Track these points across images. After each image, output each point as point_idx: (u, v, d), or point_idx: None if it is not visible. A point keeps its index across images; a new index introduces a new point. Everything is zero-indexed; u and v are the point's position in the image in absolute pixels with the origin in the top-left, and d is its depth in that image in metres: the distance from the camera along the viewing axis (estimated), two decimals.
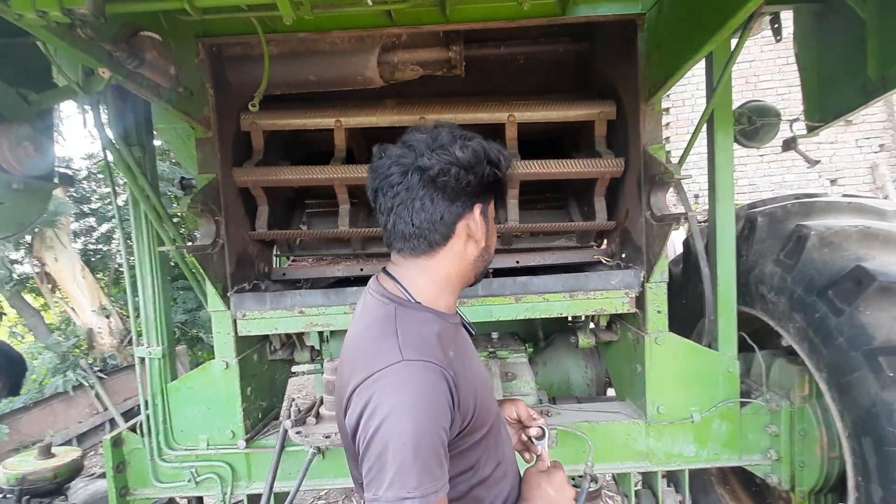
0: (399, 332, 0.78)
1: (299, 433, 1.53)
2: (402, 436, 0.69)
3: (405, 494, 0.68)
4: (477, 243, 0.87)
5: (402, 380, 0.73)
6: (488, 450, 0.87)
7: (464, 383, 0.79)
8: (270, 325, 1.66)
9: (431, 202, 0.81)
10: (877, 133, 6.69)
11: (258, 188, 1.78)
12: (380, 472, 0.70)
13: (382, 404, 0.72)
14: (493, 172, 0.84)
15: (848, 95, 1.48)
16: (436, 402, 0.73)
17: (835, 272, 1.36)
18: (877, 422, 1.21)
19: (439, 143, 0.80)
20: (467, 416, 0.79)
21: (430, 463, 0.70)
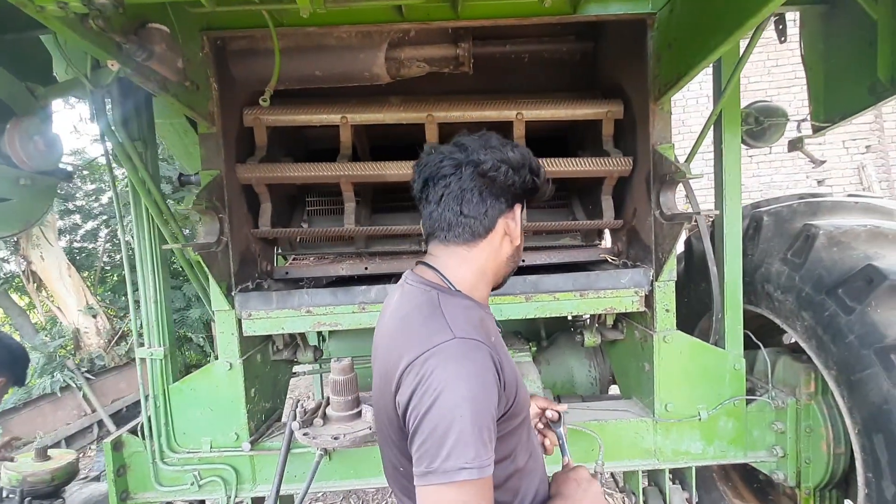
0: (446, 313, 0.81)
1: (307, 435, 1.50)
2: (460, 408, 0.70)
3: (463, 465, 0.68)
4: (512, 242, 0.92)
5: (456, 355, 0.75)
6: (522, 440, 0.89)
7: (506, 367, 0.81)
8: (277, 325, 1.62)
9: (480, 195, 0.86)
10: (864, 134, 6.84)
11: (262, 185, 1.74)
12: (436, 444, 0.70)
13: (438, 378, 0.73)
14: (532, 179, 0.90)
15: (855, 96, 1.49)
16: (487, 378, 0.75)
17: (844, 271, 1.38)
18: (889, 418, 1.22)
19: (491, 144, 0.88)
20: (511, 399, 0.81)
21: (484, 436, 0.71)
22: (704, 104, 7.08)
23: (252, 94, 1.71)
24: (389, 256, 2.07)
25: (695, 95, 7.14)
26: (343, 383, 1.54)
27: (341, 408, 1.56)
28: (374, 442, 1.61)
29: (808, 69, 1.70)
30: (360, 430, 1.49)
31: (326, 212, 2.32)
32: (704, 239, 1.63)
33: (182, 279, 5.71)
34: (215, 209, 1.54)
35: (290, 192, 2.09)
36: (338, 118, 1.75)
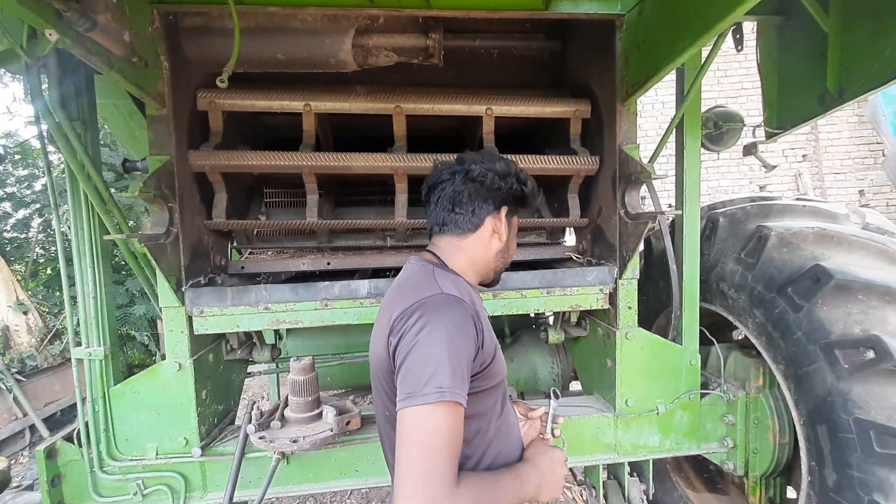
0: (437, 279, 0.96)
1: (263, 438, 1.42)
2: (440, 346, 0.83)
3: (437, 388, 0.80)
4: (500, 239, 1.07)
5: (440, 304, 0.89)
6: (496, 408, 1.02)
7: (486, 332, 0.95)
8: (231, 323, 1.53)
9: (469, 196, 1.04)
10: (801, 144, 7.34)
11: (216, 174, 1.63)
12: (418, 373, 0.82)
13: (423, 321, 0.86)
14: (519, 188, 1.07)
15: (806, 105, 1.57)
16: (466, 328, 0.87)
17: (794, 270, 1.45)
18: (832, 410, 1.30)
19: (483, 157, 1.07)
20: (488, 358, 0.94)
21: (457, 372, 0.83)
22: (660, 110, 7.38)
23: (207, 76, 1.60)
24: (353, 252, 2.01)
25: (650, 101, 7.42)
26: (303, 383, 1.48)
27: (301, 409, 1.49)
28: (335, 444, 1.56)
29: (763, 77, 1.78)
30: (321, 433, 1.43)
31: (286, 204, 2.22)
32: (665, 238, 1.68)
33: (125, 273, 5.35)
34: (164, 198, 1.43)
35: (248, 183, 1.98)
36: (301, 105, 1.67)
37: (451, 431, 0.81)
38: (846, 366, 1.27)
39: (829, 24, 1.40)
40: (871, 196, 7.48)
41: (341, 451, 1.57)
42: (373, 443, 1.58)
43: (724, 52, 2.10)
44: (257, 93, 1.66)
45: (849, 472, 1.25)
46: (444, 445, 0.79)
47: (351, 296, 1.56)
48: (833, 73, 1.40)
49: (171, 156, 1.48)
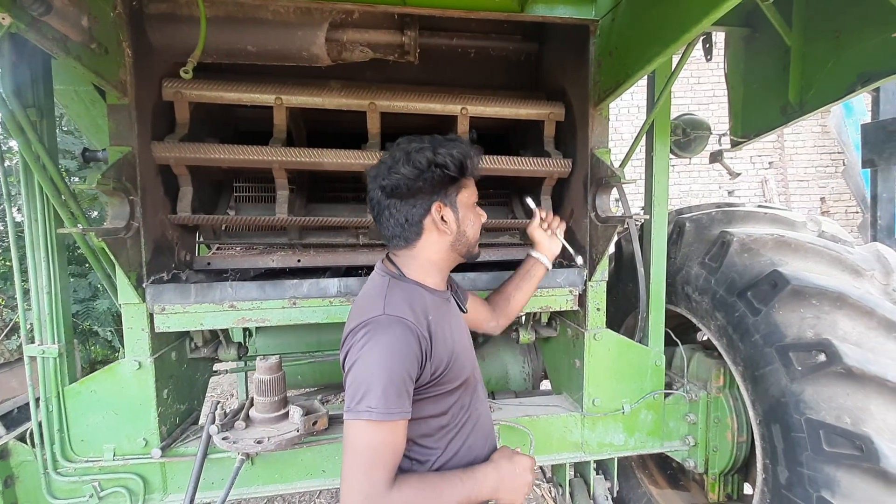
0: (387, 295, 1.01)
1: (226, 439, 1.39)
2: (372, 367, 0.92)
3: (367, 408, 0.90)
4: (447, 233, 1.08)
5: (379, 328, 0.95)
6: (460, 403, 1.09)
7: (439, 341, 1.01)
8: (195, 321, 1.49)
9: (396, 209, 1.06)
10: (767, 152, 7.61)
11: (182, 166, 1.58)
12: (354, 391, 0.93)
13: (364, 340, 0.94)
14: (441, 173, 1.03)
15: (769, 115, 1.63)
16: (403, 348, 0.94)
17: (753, 275, 1.50)
18: (785, 410, 1.35)
19: (393, 162, 1.04)
20: (440, 367, 1.01)
21: (389, 392, 0.91)
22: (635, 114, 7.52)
23: (174, 65, 1.54)
24: (325, 249, 1.98)
25: (626, 105, 7.56)
26: (269, 383, 1.45)
27: (266, 409, 1.46)
28: (301, 444, 1.54)
29: (730, 87, 1.83)
30: (287, 433, 1.41)
31: (256, 199, 2.17)
32: (634, 241, 1.71)
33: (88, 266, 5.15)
34: (125, 190, 1.38)
35: (216, 177, 1.93)
36: (272, 99, 1.63)
37: (382, 444, 0.91)
38: (799, 368, 1.32)
39: (791, 39, 1.45)
40: (831, 203, 7.82)
41: (308, 452, 1.55)
42: (341, 443, 1.55)
43: (698, 61, 2.15)
44: (227, 84, 1.62)
45: (799, 470, 1.31)
46: (377, 455, 0.91)
47: (320, 294, 1.54)
48: (794, 86, 1.45)
49: (133, 147, 1.42)
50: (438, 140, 1.07)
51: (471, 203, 1.13)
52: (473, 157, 1.10)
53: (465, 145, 1.08)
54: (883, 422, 1.19)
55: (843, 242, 1.53)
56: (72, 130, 5.35)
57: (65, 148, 4.88)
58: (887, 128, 1.95)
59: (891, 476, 1.14)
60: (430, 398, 1.03)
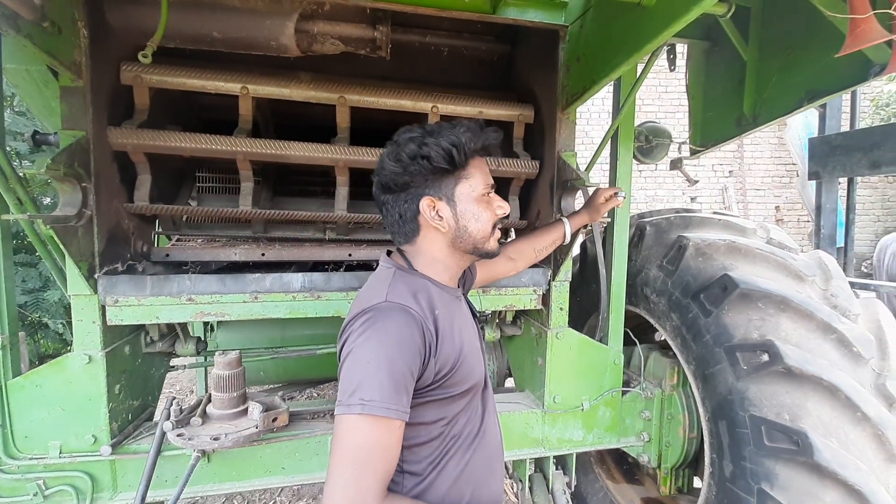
0: (391, 285, 0.95)
1: (181, 436, 1.35)
2: (369, 356, 0.83)
3: (360, 401, 0.81)
4: (442, 230, 0.99)
5: (380, 315, 0.87)
6: (467, 411, 1.01)
7: (447, 338, 0.93)
8: (150, 314, 1.44)
9: (391, 206, 1.01)
10: (728, 161, 7.94)
11: (140, 153, 1.53)
12: (348, 384, 0.83)
13: (362, 328, 0.86)
14: (428, 165, 0.95)
15: (725, 126, 1.70)
16: (405, 339, 0.85)
17: (706, 278, 1.57)
18: (731, 407, 1.42)
19: (384, 156, 1.00)
20: (446, 366, 0.92)
21: (387, 385, 0.82)
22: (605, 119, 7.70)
23: (134, 48, 1.48)
24: (291, 243, 1.95)
25: (598, 110, 7.73)
26: (228, 379, 1.42)
27: (224, 405, 1.44)
28: (259, 441, 1.51)
29: (691, 98, 1.90)
30: (245, 430, 1.38)
31: (220, 190, 2.11)
32: (597, 244, 1.76)
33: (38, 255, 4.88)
34: (77, 177, 1.32)
35: (177, 166, 1.87)
36: (237, 88, 1.59)
37: (375, 443, 0.81)
38: (745, 367, 1.40)
39: (748, 54, 1.52)
40: (785, 211, 8.23)
41: (267, 449, 1.53)
42: (301, 440, 1.54)
43: (666, 70, 2.26)
44: (190, 71, 1.57)
45: (742, 464, 1.38)
46: (368, 456, 0.80)
47: (283, 289, 1.52)
48: (749, 99, 1.53)
49: (87, 131, 1.36)
50: (431, 129, 0.98)
51: (475, 196, 1.00)
52: (470, 144, 0.97)
53: (460, 132, 0.96)
54: (818, 418, 1.27)
55: (789, 249, 1.62)
56: (24, 111, 5.05)
57: (16, 130, 4.61)
58: (831, 142, 2.08)
59: (823, 469, 1.21)
60: (434, 402, 0.93)
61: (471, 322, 1.11)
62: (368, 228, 2.04)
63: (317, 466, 1.56)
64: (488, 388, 1.11)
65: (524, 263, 1.52)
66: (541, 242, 1.52)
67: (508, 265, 1.48)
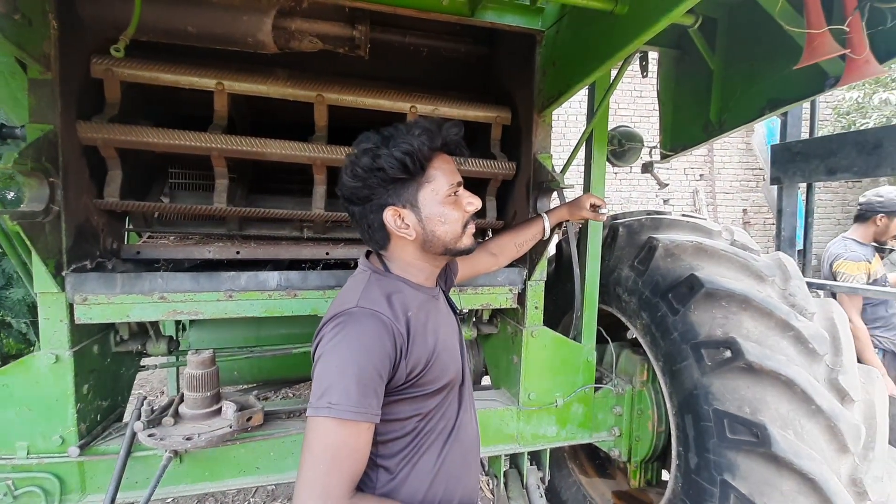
0: (364, 289, 0.96)
1: (152, 436, 1.33)
2: (338, 361, 0.86)
3: (327, 404, 0.84)
4: (409, 236, 0.99)
5: (351, 321, 0.90)
6: (442, 407, 1.02)
7: (419, 339, 0.95)
8: (120, 313, 1.41)
9: (358, 217, 1.02)
10: (699, 165, 8.18)
11: (110, 148, 1.49)
12: (318, 386, 0.86)
13: (333, 333, 0.89)
14: (386, 176, 0.95)
15: (693, 132, 1.77)
16: (374, 344, 0.88)
17: (674, 278, 1.63)
18: (696, 401, 1.48)
19: (344, 171, 0.99)
20: (418, 366, 0.94)
21: (354, 390, 0.84)
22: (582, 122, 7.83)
23: (106, 41, 1.45)
24: (267, 241, 1.93)
25: (576, 112, 7.86)
26: (200, 378, 1.41)
27: (197, 405, 1.42)
28: (233, 441, 1.50)
29: (661, 104, 1.97)
30: (218, 429, 1.37)
31: (193, 187, 2.08)
32: (572, 244, 1.80)
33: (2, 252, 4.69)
34: (45, 171, 1.28)
35: (149, 162, 1.83)
36: (212, 83, 1.57)
37: (342, 445, 0.84)
38: (709, 363, 1.46)
39: (714, 63, 1.58)
40: (752, 215, 8.53)
41: (241, 449, 1.52)
42: (276, 439, 1.54)
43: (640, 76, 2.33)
44: (164, 65, 1.54)
45: (706, 456, 1.44)
46: (335, 457, 0.84)
47: (259, 287, 1.51)
48: (715, 106, 1.59)
49: (56, 125, 1.33)
50: (388, 134, 0.96)
51: (440, 198, 0.97)
52: (423, 149, 0.94)
53: (414, 138, 0.93)
54: (776, 411, 1.33)
55: (751, 250, 1.70)
56: None
57: None
58: (791, 149, 2.19)
59: (780, 459, 1.28)
60: (408, 399, 0.95)
61: (449, 320, 1.12)
62: (346, 227, 2.04)
63: (292, 466, 1.55)
64: (466, 384, 1.13)
65: (506, 259, 1.56)
66: (521, 237, 1.56)
67: (490, 260, 1.51)
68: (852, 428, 1.30)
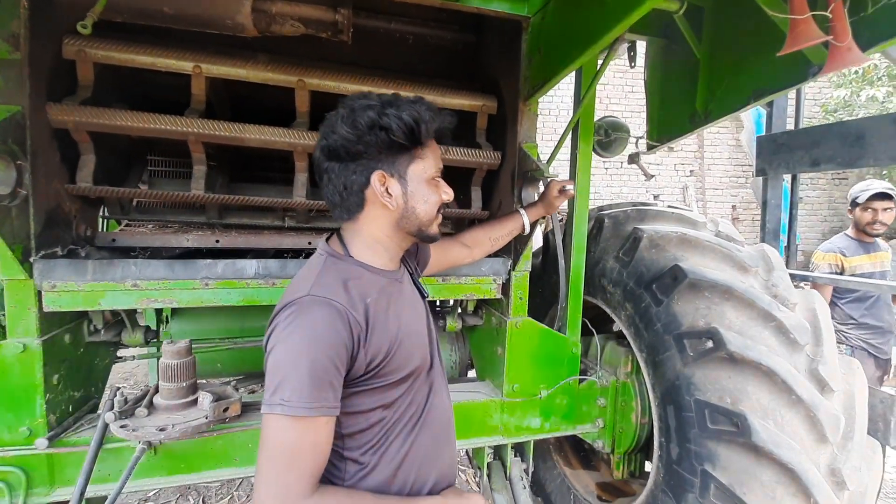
0: (318, 275, 0.91)
1: (125, 427, 1.30)
2: (288, 355, 0.82)
3: (280, 401, 0.80)
4: (390, 207, 0.94)
5: (302, 310, 0.85)
6: (409, 394, 0.99)
7: (379, 326, 0.91)
8: (91, 300, 1.37)
9: (335, 175, 0.94)
10: (689, 160, 8.21)
11: (82, 132, 1.44)
12: (270, 382, 0.83)
13: (282, 328, 0.85)
14: (386, 138, 0.90)
15: (679, 122, 1.76)
16: (328, 334, 0.83)
17: (658, 269, 1.62)
18: (678, 392, 1.48)
19: (334, 120, 0.92)
20: (378, 355, 0.90)
21: (309, 383, 0.80)
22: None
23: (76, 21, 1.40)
24: (248, 230, 1.89)
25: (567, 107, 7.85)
26: (176, 368, 1.38)
27: (172, 395, 1.39)
28: (210, 432, 1.47)
29: (648, 94, 1.95)
30: (194, 420, 1.34)
31: (174, 174, 2.04)
32: (557, 235, 1.79)
33: None
34: (11, 154, 1.24)
35: (126, 147, 1.78)
36: (189, 66, 1.53)
37: (298, 442, 0.81)
38: (691, 354, 1.45)
39: (700, 52, 1.57)
40: (741, 210, 8.60)
41: (219, 440, 1.49)
42: (255, 430, 1.51)
43: (633, 71, 2.30)
44: (139, 47, 1.49)
45: (688, 446, 1.44)
46: (292, 455, 0.81)
47: (236, 276, 1.47)
48: (701, 96, 1.58)
49: (24, 107, 1.28)
50: (391, 99, 0.93)
51: (427, 177, 0.97)
52: (430, 122, 0.92)
53: (421, 108, 0.92)
54: (757, 401, 1.33)
55: (735, 241, 1.70)
56: None
57: None
58: (777, 140, 2.19)
59: (760, 449, 1.28)
60: (369, 390, 0.92)
61: (415, 304, 1.08)
62: (329, 216, 2.00)
63: None
64: (434, 367, 1.09)
65: (480, 252, 1.53)
66: (497, 232, 1.54)
67: (464, 252, 1.49)
68: (832, 418, 1.30)
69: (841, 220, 8.91)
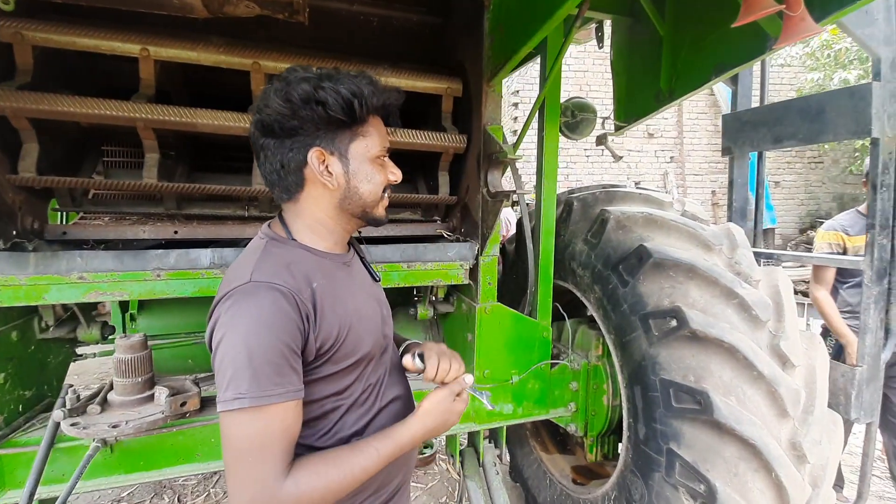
0: (258, 260, 0.86)
1: (76, 425, 1.25)
2: (237, 345, 0.77)
3: (236, 395, 0.76)
4: (330, 187, 0.90)
5: (245, 297, 0.80)
6: (363, 379, 0.96)
7: (327, 311, 0.87)
8: (34, 295, 1.31)
9: (271, 152, 0.89)
10: (669, 147, 8.27)
11: (22, 119, 1.37)
12: (221, 378, 0.78)
13: (226, 319, 0.79)
14: (323, 113, 0.85)
15: (645, 102, 1.74)
16: (276, 318, 0.79)
17: (624, 250, 1.61)
18: (645, 373, 1.48)
19: (268, 93, 0.86)
20: (328, 341, 0.87)
21: (262, 371, 0.76)
22: None
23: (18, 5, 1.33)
24: (209, 221, 1.83)
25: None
26: (129, 363, 1.33)
27: (127, 391, 1.34)
28: (170, 427, 1.43)
29: (615, 74, 1.93)
30: (150, 415, 1.30)
31: (132, 165, 1.96)
32: (524, 218, 1.77)
33: None
34: None
35: (76, 136, 1.71)
36: (136, 49, 1.46)
37: (264, 432, 0.77)
38: (656, 333, 1.45)
39: (664, 29, 1.55)
40: (721, 196, 8.69)
41: (179, 436, 1.45)
42: (216, 424, 1.47)
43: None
44: (81, 29, 1.42)
45: (654, 426, 1.44)
46: (260, 447, 0.77)
47: (190, 266, 1.43)
48: (665, 74, 1.56)
49: None
50: (329, 73, 0.87)
51: (370, 156, 0.92)
52: (372, 98, 0.88)
53: (362, 83, 0.87)
54: (719, 378, 1.33)
55: (701, 220, 1.69)
56: None
57: None
58: (741, 118, 2.19)
59: (722, 426, 1.28)
60: (320, 379, 0.88)
61: (366, 287, 1.04)
62: None
63: None
64: (388, 350, 1.07)
65: None
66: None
67: None
68: (792, 392, 1.31)
69: (817, 204, 9.07)
